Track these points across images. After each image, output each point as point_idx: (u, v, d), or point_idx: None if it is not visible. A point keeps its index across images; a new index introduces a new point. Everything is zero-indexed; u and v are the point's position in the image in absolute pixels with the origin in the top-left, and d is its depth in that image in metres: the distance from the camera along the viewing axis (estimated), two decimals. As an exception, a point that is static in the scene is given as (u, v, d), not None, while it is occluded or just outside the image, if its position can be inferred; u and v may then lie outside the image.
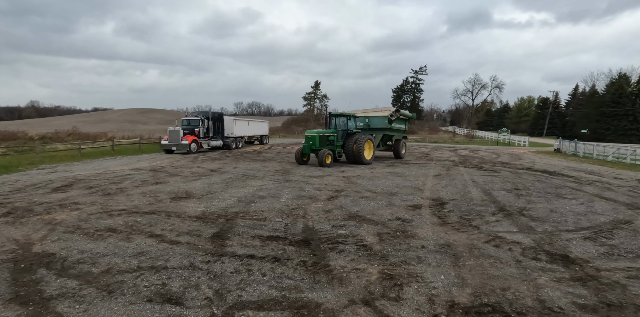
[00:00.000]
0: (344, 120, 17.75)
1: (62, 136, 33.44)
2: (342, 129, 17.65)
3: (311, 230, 6.46)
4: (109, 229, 6.30)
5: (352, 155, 17.02)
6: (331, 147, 17.24)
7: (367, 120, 19.88)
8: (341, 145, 17.48)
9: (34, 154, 18.51)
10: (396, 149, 21.00)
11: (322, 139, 16.91)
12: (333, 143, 17.36)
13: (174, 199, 8.85)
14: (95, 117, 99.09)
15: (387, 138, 20.97)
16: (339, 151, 17.36)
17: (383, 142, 20.86)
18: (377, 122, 19.68)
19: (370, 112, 20.57)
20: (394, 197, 9.46)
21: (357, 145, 16.92)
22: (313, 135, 16.72)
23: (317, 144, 16.63)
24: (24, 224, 6.51)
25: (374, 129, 19.87)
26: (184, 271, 4.64)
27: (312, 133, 16.87)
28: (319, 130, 17.59)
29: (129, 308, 3.74)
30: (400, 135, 21.67)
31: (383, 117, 19.46)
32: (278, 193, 9.68)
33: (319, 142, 16.68)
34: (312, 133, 16.87)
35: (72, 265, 4.75)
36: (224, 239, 5.92)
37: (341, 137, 17.53)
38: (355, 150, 16.87)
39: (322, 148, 16.72)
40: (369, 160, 17.75)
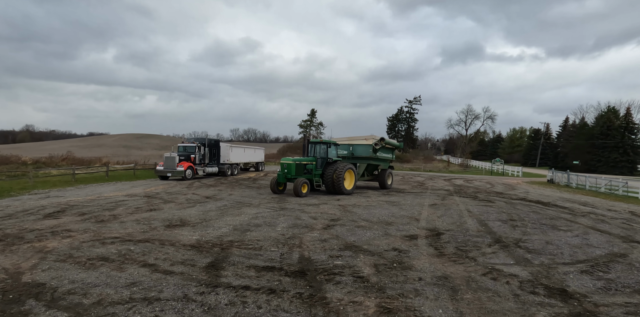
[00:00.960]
0: (324, 148, 16.89)
1: (56, 161, 33.25)
2: (321, 156, 16.77)
3: (307, 260, 6.39)
4: (101, 258, 6.18)
5: (331, 184, 16.11)
6: (309, 176, 16.37)
7: (351, 149, 19.17)
8: (320, 174, 16.52)
9: (27, 179, 18.33)
10: (382, 179, 19.97)
11: (299, 167, 15.98)
12: (311, 171, 16.45)
13: (169, 226, 8.76)
14: (90, 141, 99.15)
15: (372, 167, 20.24)
16: (318, 180, 16.32)
17: (368, 171, 20.18)
18: (361, 151, 18.97)
19: (354, 140, 19.64)
20: (390, 227, 9.44)
21: (337, 174, 15.99)
22: (289, 162, 15.81)
23: (293, 172, 15.70)
24: (14, 252, 6.37)
25: (358, 158, 19.14)
26: (177, 303, 4.53)
27: (288, 160, 15.95)
28: (296, 158, 16.73)
29: (119, 342, 3.62)
30: (387, 164, 20.99)
31: (367, 145, 18.74)
32: (274, 222, 9.62)
33: (295, 170, 15.77)
34: (287, 160, 15.97)
35: (63, 296, 4.63)
36: (219, 269, 5.83)
37: (320, 165, 16.61)
38: (335, 180, 15.95)
39: (298, 176, 15.80)
40: (350, 190, 16.74)
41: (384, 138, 18.74)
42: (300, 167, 16.01)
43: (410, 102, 76.65)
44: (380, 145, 18.53)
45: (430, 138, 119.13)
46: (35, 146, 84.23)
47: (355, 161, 19.09)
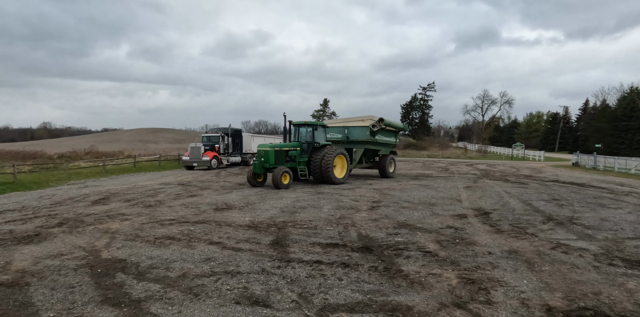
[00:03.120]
0: (310, 131, 14.42)
1: (80, 154, 33.96)
2: (307, 141, 14.41)
3: (367, 238, 6.41)
4: (167, 237, 6.31)
5: (319, 172, 13.92)
6: (292, 165, 14.08)
7: (346, 132, 16.80)
8: (306, 161, 14.23)
9: (62, 171, 18.77)
10: (382, 166, 17.56)
11: (279, 154, 13.63)
12: (295, 159, 14.16)
13: (217, 210, 8.87)
14: (106, 137, 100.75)
15: (371, 153, 17.95)
16: (303, 168, 14.02)
17: (367, 157, 17.80)
18: (357, 134, 16.53)
19: (349, 121, 17.20)
20: (435, 207, 9.39)
21: (325, 160, 13.71)
22: (266, 149, 13.38)
23: (272, 160, 13.33)
24: (82, 233, 6.55)
25: (354, 142, 16.80)
26: (259, 276, 4.60)
27: (265, 147, 13.52)
28: (275, 143, 14.46)
29: (220, 310, 3.70)
30: (388, 149, 18.46)
31: (364, 127, 16.23)
32: (317, 204, 9.66)
33: (275, 157, 13.42)
34: (265, 147, 13.53)
35: (147, 270, 4.74)
36: (284, 246, 5.89)
37: (306, 151, 14.28)
38: (323, 167, 13.70)
39: (278, 165, 13.40)
40: (341, 179, 14.42)
41: (383, 119, 16.13)
42: (280, 154, 13.75)
43: (424, 89, 75.46)
44: (379, 127, 16.06)
45: (443, 125, 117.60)
46: (54, 142, 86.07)
47: (351, 145, 16.88)
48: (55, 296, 3.96)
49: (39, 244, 5.91)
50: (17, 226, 7.19)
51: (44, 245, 5.83)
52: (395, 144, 19.19)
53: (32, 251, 5.50)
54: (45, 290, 4.11)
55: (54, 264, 4.94)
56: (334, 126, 17.25)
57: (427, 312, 3.68)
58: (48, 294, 4.01)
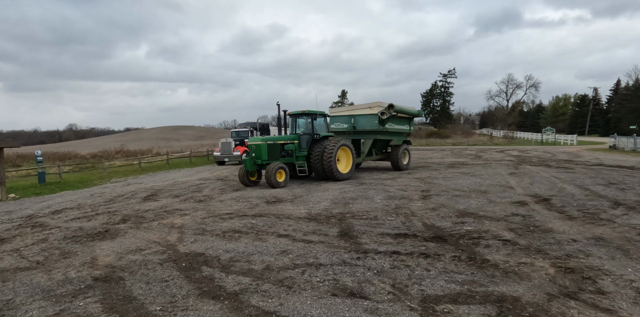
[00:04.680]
0: (309, 121, 12.87)
1: (111, 154, 34.91)
2: (306, 132, 12.86)
3: (434, 227, 6.26)
4: (234, 230, 6.34)
5: (320, 168, 12.33)
6: (289, 160, 12.57)
7: (353, 121, 15.21)
8: (306, 155, 12.76)
9: (101, 170, 19.31)
10: (394, 158, 15.65)
11: (272, 148, 11.98)
12: (292, 154, 12.62)
13: (268, 203, 8.88)
14: (130, 136, 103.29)
15: (381, 143, 16.00)
16: (301, 164, 12.57)
17: (377, 148, 15.97)
18: (364, 123, 14.93)
19: (355, 109, 15.55)
20: (488, 195, 9.11)
21: (327, 154, 12.08)
22: (257, 144, 11.75)
23: (264, 155, 11.70)
24: (150, 229, 6.66)
25: (362, 132, 15.17)
26: (343, 267, 4.54)
27: (256, 141, 11.86)
28: (268, 136, 12.64)
29: (320, 302, 3.65)
30: (401, 139, 16.37)
31: (372, 115, 14.58)
32: (367, 195, 9.55)
33: (268, 152, 11.79)
34: (256, 141, 11.88)
35: (229, 263, 4.75)
36: (353, 237, 5.81)
37: (306, 144, 12.73)
38: (325, 161, 12.06)
39: (272, 161, 11.85)
40: (346, 174, 12.71)
41: (393, 105, 14.30)
42: (274, 148, 12.08)
43: (444, 75, 73.66)
44: (389, 115, 14.28)
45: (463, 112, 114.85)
46: (82, 143, 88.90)
47: (358, 136, 15.33)
48: (153, 290, 4.00)
49: (113, 239, 6.04)
50: (84, 223, 7.38)
51: (119, 241, 5.95)
52: (410, 132, 17.00)
53: (110, 247, 5.62)
54: (141, 284, 4.16)
55: (138, 259, 5.01)
56: (339, 115, 15.69)
57: (537, 303, 3.52)
58: (145, 288, 4.06)
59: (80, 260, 5.05)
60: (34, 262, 5.07)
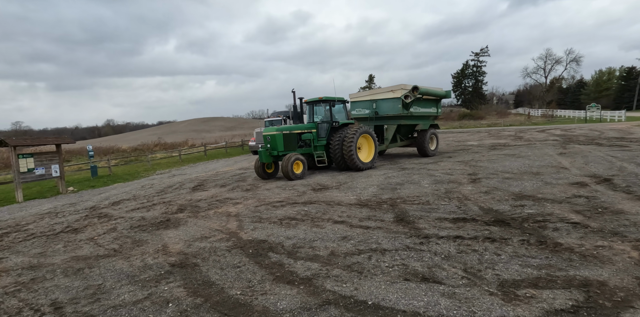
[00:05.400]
0: (326, 108, 12.15)
1: (150, 147, 36.37)
2: (324, 120, 12.15)
3: (492, 211, 6.09)
4: (289, 218, 6.46)
5: (340, 157, 11.70)
6: (307, 150, 11.98)
7: (374, 106, 14.41)
8: (325, 145, 12.12)
9: (145, 163, 20.18)
10: (421, 144, 14.64)
11: (288, 138, 11.41)
12: (310, 143, 12.04)
13: (315, 190, 8.96)
14: (163, 129, 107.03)
15: (407, 129, 15.16)
16: (320, 154, 11.90)
17: (402, 134, 15.11)
18: (387, 108, 14.08)
19: (376, 93, 14.67)
20: (542, 176, 8.74)
21: (347, 142, 11.39)
22: (272, 134, 11.20)
23: (280, 146, 11.16)
24: (208, 218, 6.92)
25: (385, 118, 14.35)
26: (409, 252, 4.52)
27: (271, 131, 11.31)
28: (284, 126, 11.95)
29: (395, 287, 3.66)
30: (428, 123, 15.28)
31: (395, 99, 13.73)
32: (413, 180, 9.42)
33: (283, 143, 11.24)
34: (270, 131, 11.34)
35: (294, 249, 4.86)
36: (410, 222, 5.77)
37: (324, 132, 12.09)
38: (345, 150, 11.41)
39: (288, 152, 11.31)
40: (368, 163, 12.00)
41: (417, 87, 13.23)
42: (290, 138, 11.51)
43: (476, 54, 70.33)
44: (413, 98, 13.27)
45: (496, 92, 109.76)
46: (120, 137, 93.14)
47: (381, 122, 14.56)
48: (228, 275, 4.17)
49: (177, 228, 6.32)
50: (145, 213, 7.78)
51: (183, 229, 6.22)
52: (437, 115, 15.94)
53: (176, 235, 5.90)
54: (216, 270, 4.35)
55: (206, 246, 5.23)
56: (359, 101, 14.96)
57: (626, 287, 3.36)
58: (221, 273, 4.24)
59: (153, 248, 5.34)
60: (111, 250, 5.42)
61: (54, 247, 5.84)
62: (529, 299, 3.28)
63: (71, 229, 6.94)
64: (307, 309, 3.35)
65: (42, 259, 5.25)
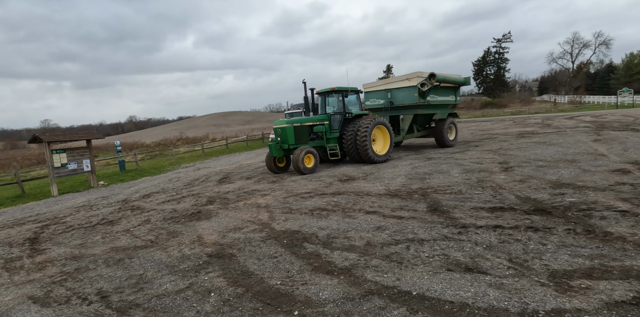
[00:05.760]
0: (339, 99, 11.70)
1: (172, 141, 37.09)
2: (337, 112, 11.75)
3: (530, 200, 5.86)
4: (319, 208, 6.42)
5: (353, 149, 11.28)
6: (319, 143, 11.58)
7: (389, 95, 13.91)
8: (338, 137, 11.73)
9: (170, 157, 20.57)
10: (439, 134, 14.04)
11: (299, 130, 11.05)
12: (322, 136, 11.65)
13: (341, 181, 8.89)
14: (184, 124, 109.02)
15: (423, 118, 14.55)
16: (333, 146, 11.50)
17: (418, 124, 14.48)
18: (402, 97, 13.51)
19: (391, 82, 14.02)
20: (579, 163, 8.36)
21: (361, 133, 10.97)
22: (282, 127, 10.82)
23: (291, 139, 10.80)
24: (238, 209, 6.96)
25: (400, 108, 13.84)
26: (448, 242, 4.40)
27: (281, 124, 10.92)
28: (295, 118, 11.53)
29: (438, 277, 3.56)
30: (446, 112, 14.74)
31: (410, 88, 13.14)
32: (441, 169, 9.20)
33: (295, 136, 10.87)
34: (281, 124, 10.95)
35: (329, 240, 4.82)
36: (444, 212, 5.62)
37: (338, 124, 11.63)
38: (359, 142, 10.96)
39: (299, 145, 10.96)
40: (383, 156, 11.52)
41: (434, 74, 12.55)
42: (301, 131, 11.14)
43: (498, 41, 68.01)
44: (430, 86, 12.67)
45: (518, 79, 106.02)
46: (143, 133, 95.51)
47: (397, 112, 14.07)
48: (266, 265, 4.17)
49: (209, 219, 6.39)
50: (175, 206, 7.91)
51: (215, 220, 6.28)
52: (456, 103, 15.27)
53: (209, 226, 5.96)
54: (253, 260, 4.35)
55: (240, 237, 5.26)
56: (374, 90, 14.42)
57: (691, 277, 3.15)
58: (259, 263, 4.24)
59: (188, 238, 5.40)
60: (148, 241, 5.52)
61: (93, 238, 6.01)
62: (584, 291, 3.12)
63: (107, 221, 7.13)
64: (350, 299, 3.30)
65: (83, 250, 5.40)
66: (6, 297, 3.98)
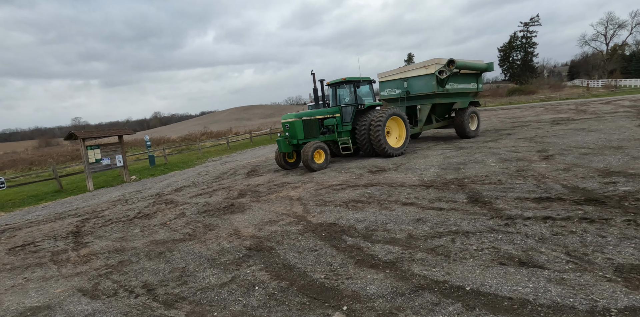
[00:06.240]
0: (351, 90, 11.06)
1: (197, 136, 37.74)
2: (348, 103, 11.10)
3: (579, 189, 5.52)
4: (354, 200, 6.29)
5: (367, 143, 10.75)
6: (330, 137, 10.99)
7: (405, 85, 13.12)
8: (350, 130, 11.16)
9: (196, 151, 20.92)
10: (460, 124, 13.22)
11: (308, 124, 10.40)
12: (333, 130, 11.05)
13: (372, 172, 8.72)
14: (206, 119, 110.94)
15: (443, 108, 13.65)
16: (345, 140, 10.95)
17: (437, 114, 13.70)
18: (419, 86, 12.72)
19: (407, 70, 13.23)
20: (626, 150, 7.85)
21: (374, 126, 10.42)
22: (291, 121, 10.23)
23: (300, 134, 10.19)
24: (271, 202, 6.94)
25: (417, 97, 13.02)
26: (496, 235, 4.19)
27: (290, 118, 10.33)
28: (303, 112, 10.83)
29: (491, 271, 3.38)
30: (467, 101, 13.76)
31: (428, 76, 12.37)
32: (474, 158, 8.87)
33: (304, 130, 10.25)
34: (289, 118, 10.35)
35: (368, 232, 4.69)
36: (486, 203, 5.37)
37: (350, 117, 11.07)
38: (373, 135, 10.43)
39: (309, 140, 10.38)
40: (399, 149, 10.91)
41: (453, 60, 11.66)
42: (311, 124, 10.48)
43: (525, 24, 64.87)
44: (449, 73, 11.86)
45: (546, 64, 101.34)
46: (167, 129, 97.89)
47: (413, 102, 13.29)
48: (307, 259, 4.10)
49: (243, 212, 6.39)
50: (208, 199, 7.98)
51: (250, 213, 6.28)
52: (478, 91, 14.23)
53: (245, 219, 5.95)
54: (294, 253, 4.29)
55: (277, 229, 5.21)
56: (389, 80, 13.66)
57: None
58: (299, 257, 4.18)
59: (225, 231, 5.41)
60: (186, 234, 5.57)
61: (132, 232, 6.13)
62: (659, 287, 2.87)
63: (143, 215, 7.27)
64: (400, 294, 3.17)
65: (124, 243, 5.51)
66: (57, 290, 4.09)
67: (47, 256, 5.41)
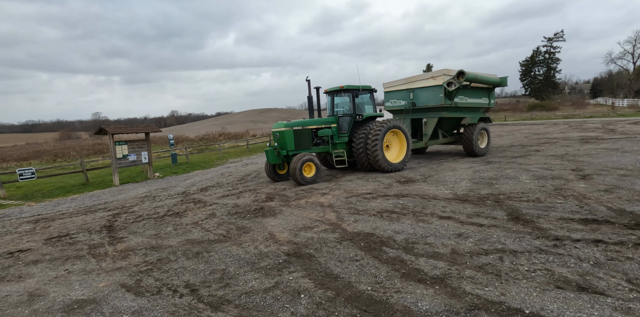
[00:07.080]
0: (349, 99, 10.38)
1: (215, 136, 38.17)
2: (346, 114, 10.42)
3: (627, 213, 5.32)
4: (388, 211, 6.21)
5: (363, 156, 10.11)
6: (324, 148, 10.34)
7: (411, 96, 12.38)
8: (347, 142, 10.49)
9: (216, 151, 21.10)
10: (467, 140, 12.32)
11: (300, 135, 9.78)
12: (327, 141, 10.41)
13: (401, 183, 8.62)
14: (223, 120, 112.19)
15: (450, 123, 12.90)
16: (339, 153, 10.24)
17: (444, 129, 12.97)
18: (426, 98, 11.96)
19: (414, 80, 12.40)
20: (670, 175, 7.57)
21: (372, 139, 9.81)
22: (280, 130, 9.58)
23: (291, 144, 9.61)
24: (302, 207, 6.90)
25: (423, 110, 12.28)
26: (546, 256, 4.05)
27: (280, 127, 9.64)
28: (295, 121, 10.19)
29: (549, 295, 3.25)
30: (477, 116, 13.02)
31: (435, 87, 11.61)
32: (506, 174, 8.69)
33: (294, 141, 9.66)
34: (279, 127, 9.67)
35: (409, 245, 4.60)
36: (528, 221, 5.22)
37: (347, 128, 10.39)
38: (370, 149, 9.85)
39: (300, 151, 9.74)
40: (397, 164, 10.28)
41: (463, 72, 11.03)
42: (302, 135, 9.85)
43: (549, 39, 64.17)
44: (458, 85, 11.12)
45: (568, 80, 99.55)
46: (183, 128, 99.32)
47: (419, 114, 12.53)
48: (350, 269, 4.03)
49: (274, 217, 6.37)
50: (236, 200, 7.99)
51: (281, 218, 6.25)
52: (489, 107, 13.45)
53: (278, 224, 5.92)
54: (335, 262, 4.23)
55: (313, 236, 5.16)
56: (394, 90, 12.97)
57: None
58: (341, 266, 4.11)
59: (260, 235, 5.38)
60: (220, 235, 5.56)
61: (165, 229, 6.16)
62: None
63: (173, 213, 7.32)
64: (455, 312, 3.07)
65: (160, 241, 5.53)
66: (100, 284, 4.11)
67: (84, 248, 5.46)
